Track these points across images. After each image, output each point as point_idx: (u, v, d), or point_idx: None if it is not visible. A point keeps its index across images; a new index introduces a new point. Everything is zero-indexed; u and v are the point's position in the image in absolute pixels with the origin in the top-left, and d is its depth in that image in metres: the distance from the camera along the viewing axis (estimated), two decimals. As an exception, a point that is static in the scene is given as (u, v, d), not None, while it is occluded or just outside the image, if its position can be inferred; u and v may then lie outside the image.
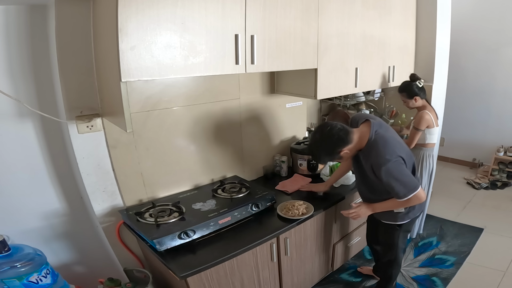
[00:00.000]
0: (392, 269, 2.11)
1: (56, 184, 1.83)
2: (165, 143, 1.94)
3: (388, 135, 1.76)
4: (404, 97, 2.56)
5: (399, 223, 1.92)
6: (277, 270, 1.95)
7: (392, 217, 1.91)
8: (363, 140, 1.73)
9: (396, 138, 1.80)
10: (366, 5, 2.31)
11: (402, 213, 1.88)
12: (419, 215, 2.01)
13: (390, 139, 1.73)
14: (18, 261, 1.46)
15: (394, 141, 1.74)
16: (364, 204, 1.92)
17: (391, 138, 1.76)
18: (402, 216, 1.90)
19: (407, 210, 1.87)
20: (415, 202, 1.73)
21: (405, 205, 1.78)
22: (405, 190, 1.68)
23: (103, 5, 1.42)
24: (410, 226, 2.00)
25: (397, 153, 1.69)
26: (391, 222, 1.94)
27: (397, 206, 1.83)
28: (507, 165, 4.06)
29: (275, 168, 2.53)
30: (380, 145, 1.70)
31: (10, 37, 1.55)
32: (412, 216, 1.93)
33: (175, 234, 1.59)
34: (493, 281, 2.38)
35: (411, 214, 1.91)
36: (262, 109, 2.39)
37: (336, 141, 1.69)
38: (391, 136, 1.78)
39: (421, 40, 2.92)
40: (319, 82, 2.12)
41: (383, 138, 1.72)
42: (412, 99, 2.52)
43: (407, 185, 1.68)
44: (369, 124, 1.75)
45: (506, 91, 4.09)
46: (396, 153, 1.68)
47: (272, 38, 1.78)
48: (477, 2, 4.00)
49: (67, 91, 1.59)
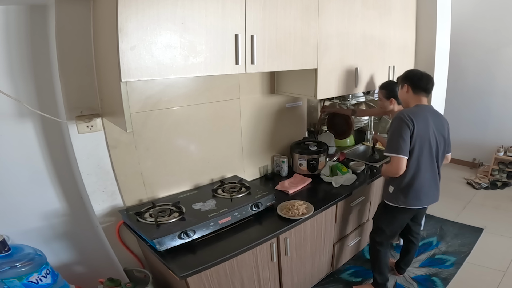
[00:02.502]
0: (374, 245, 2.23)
1: (56, 184, 1.83)
2: (165, 143, 1.94)
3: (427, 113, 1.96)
4: (381, 95, 2.42)
5: (385, 201, 2.11)
6: (277, 270, 1.95)
7: (386, 195, 2.11)
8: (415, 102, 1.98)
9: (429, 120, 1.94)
10: (366, 5, 2.31)
11: (391, 194, 2.05)
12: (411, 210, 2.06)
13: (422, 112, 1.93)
14: (18, 261, 1.46)
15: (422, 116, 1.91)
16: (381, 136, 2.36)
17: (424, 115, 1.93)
18: (390, 196, 2.06)
19: (395, 193, 2.02)
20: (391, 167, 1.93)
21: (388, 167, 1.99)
22: (389, 146, 1.94)
23: (103, 5, 1.42)
24: (396, 213, 2.08)
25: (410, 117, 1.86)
26: (384, 199, 2.14)
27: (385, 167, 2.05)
28: (507, 165, 4.06)
29: (275, 168, 2.53)
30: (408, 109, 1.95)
31: (10, 37, 1.55)
32: (400, 203, 2.02)
33: (175, 234, 1.59)
34: (493, 281, 2.38)
35: (399, 201, 2.02)
36: (262, 109, 2.39)
37: (419, 77, 1.98)
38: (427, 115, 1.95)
39: (421, 40, 2.92)
40: (319, 82, 2.12)
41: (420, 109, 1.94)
42: (388, 100, 2.38)
43: (393, 144, 1.90)
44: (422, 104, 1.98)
45: (506, 91, 4.09)
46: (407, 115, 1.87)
47: (272, 38, 1.78)
48: (477, 2, 4.00)
49: (67, 91, 1.59)
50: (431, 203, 2.10)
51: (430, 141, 1.94)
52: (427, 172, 1.98)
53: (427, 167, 1.97)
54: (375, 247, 2.23)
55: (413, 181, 1.97)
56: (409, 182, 1.97)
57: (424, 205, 2.08)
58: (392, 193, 2.05)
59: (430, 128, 1.94)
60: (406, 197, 2.00)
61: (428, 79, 1.98)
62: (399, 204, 2.03)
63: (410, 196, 1.99)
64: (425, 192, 2.01)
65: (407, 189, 1.99)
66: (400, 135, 1.87)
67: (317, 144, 2.50)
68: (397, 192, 2.03)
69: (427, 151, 1.94)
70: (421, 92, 1.98)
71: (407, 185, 1.98)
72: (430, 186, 2.02)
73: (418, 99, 1.99)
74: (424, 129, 1.90)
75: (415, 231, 2.34)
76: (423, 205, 2.08)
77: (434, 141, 1.96)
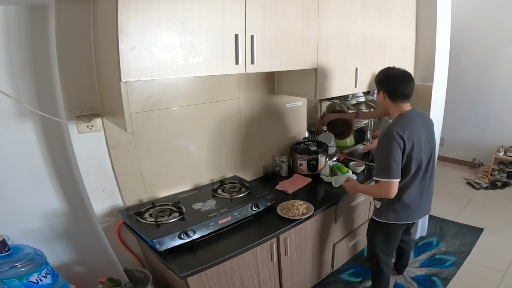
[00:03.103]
0: (373, 267, 2.12)
1: (56, 184, 1.83)
2: (165, 143, 1.94)
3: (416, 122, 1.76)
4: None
5: (376, 219, 1.96)
6: (277, 270, 1.95)
7: (375, 211, 1.98)
8: (396, 112, 1.78)
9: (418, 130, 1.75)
10: (366, 5, 2.31)
11: (379, 210, 1.92)
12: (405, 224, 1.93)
13: (411, 123, 1.73)
14: (18, 261, 1.46)
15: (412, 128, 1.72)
16: (353, 181, 2.08)
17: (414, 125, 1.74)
18: (379, 212, 1.93)
19: (384, 209, 1.88)
20: (382, 191, 1.76)
21: (376, 190, 1.83)
22: (379, 169, 1.74)
23: (103, 5, 1.42)
24: (390, 230, 1.94)
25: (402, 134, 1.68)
26: (373, 216, 2.00)
27: (372, 190, 1.90)
28: (507, 165, 4.05)
29: (275, 168, 2.52)
30: (397, 122, 1.74)
31: (10, 37, 1.55)
32: (390, 220, 1.88)
33: (175, 234, 1.59)
34: (493, 281, 2.38)
35: (390, 217, 1.88)
36: (262, 109, 2.39)
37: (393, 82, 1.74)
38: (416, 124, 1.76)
39: (421, 40, 2.92)
40: (319, 82, 2.12)
41: (408, 119, 1.74)
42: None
43: (385, 168, 1.70)
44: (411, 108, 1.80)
45: (506, 91, 4.08)
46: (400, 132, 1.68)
47: (272, 38, 1.78)
48: (477, 2, 4.00)
49: (67, 91, 1.59)
50: (424, 215, 1.99)
51: (422, 153, 1.78)
52: (416, 185, 1.83)
53: (416, 181, 1.82)
54: (377, 267, 2.07)
55: (401, 196, 1.82)
56: (397, 197, 1.80)
57: (416, 219, 1.96)
58: (381, 209, 1.91)
59: (422, 139, 1.76)
60: (396, 213, 1.87)
61: (406, 82, 1.73)
62: (389, 220, 1.89)
63: (400, 211, 1.86)
64: (415, 206, 1.87)
65: (395, 205, 1.85)
66: (392, 157, 1.68)
67: (317, 144, 2.50)
68: (385, 207, 1.89)
69: (417, 165, 1.78)
70: (399, 99, 1.76)
71: (394, 201, 1.83)
72: (421, 199, 1.88)
73: (398, 107, 1.78)
74: (416, 143, 1.72)
75: (405, 241, 2.26)
76: (416, 219, 1.96)
77: (425, 151, 1.80)
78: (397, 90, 1.74)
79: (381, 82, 1.80)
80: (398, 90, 1.73)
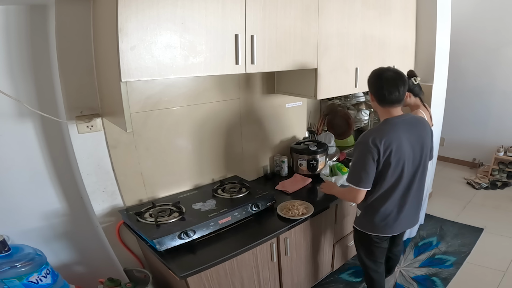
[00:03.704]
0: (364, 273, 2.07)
1: (56, 184, 1.83)
2: (165, 143, 1.94)
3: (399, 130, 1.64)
4: None
5: (357, 228, 1.89)
6: (277, 270, 1.95)
7: (356, 219, 1.91)
8: (383, 116, 1.70)
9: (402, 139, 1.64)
10: (366, 5, 2.31)
11: (359, 218, 1.86)
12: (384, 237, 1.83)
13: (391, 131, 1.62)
14: (18, 261, 1.46)
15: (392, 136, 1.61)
16: (330, 183, 2.10)
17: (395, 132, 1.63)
18: (359, 221, 1.87)
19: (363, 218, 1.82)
20: (350, 195, 1.77)
21: (346, 194, 1.82)
22: (350, 175, 1.72)
23: (103, 5, 1.42)
24: (371, 240, 1.84)
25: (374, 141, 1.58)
26: (354, 224, 1.93)
27: (343, 194, 1.90)
28: (507, 165, 4.05)
29: (275, 168, 2.53)
30: (374, 129, 1.67)
31: (10, 37, 1.55)
32: (368, 231, 1.81)
33: (175, 234, 1.59)
34: (493, 281, 2.38)
35: (367, 228, 1.81)
36: (262, 109, 2.39)
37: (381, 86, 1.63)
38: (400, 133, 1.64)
39: (421, 40, 2.92)
40: (319, 82, 2.12)
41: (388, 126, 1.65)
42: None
43: (354, 175, 1.68)
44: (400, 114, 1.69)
45: (506, 91, 4.08)
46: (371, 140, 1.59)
47: (272, 38, 1.78)
48: (477, 2, 4.00)
49: (67, 91, 1.59)
50: (406, 228, 1.89)
51: (404, 164, 1.65)
52: (396, 198, 1.72)
53: (396, 193, 1.70)
54: (367, 274, 2.02)
55: (378, 207, 1.73)
56: (374, 208, 1.74)
57: (395, 232, 1.83)
58: (360, 217, 1.84)
59: (404, 148, 1.64)
60: (373, 224, 1.77)
61: (394, 86, 1.59)
62: (366, 230, 1.82)
63: (377, 223, 1.76)
64: (392, 219, 1.75)
65: (373, 216, 1.76)
66: (363, 167, 1.62)
67: (317, 144, 2.50)
68: (364, 217, 1.81)
69: (397, 175, 1.67)
70: (385, 104, 1.65)
71: (372, 212, 1.76)
72: (401, 213, 1.75)
73: (385, 112, 1.67)
74: (394, 152, 1.61)
75: (393, 251, 2.14)
76: (395, 232, 1.82)
77: (410, 162, 1.68)
78: (383, 94, 1.62)
79: (370, 84, 1.69)
80: (383, 94, 1.61)
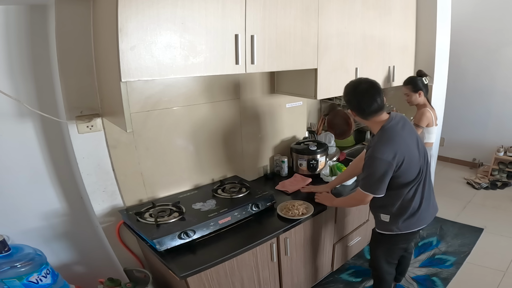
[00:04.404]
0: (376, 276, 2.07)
1: (56, 184, 1.83)
2: (165, 143, 1.94)
3: (401, 133, 1.68)
4: (408, 90, 2.53)
5: (384, 232, 1.88)
6: (277, 270, 1.95)
7: (380, 225, 1.90)
8: (376, 126, 1.70)
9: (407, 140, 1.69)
10: (366, 5, 2.31)
11: (386, 222, 1.84)
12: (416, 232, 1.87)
13: (397, 138, 1.66)
14: (18, 261, 1.46)
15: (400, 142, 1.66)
16: (327, 195, 2.07)
17: (400, 137, 1.67)
18: (385, 225, 1.85)
19: (394, 221, 1.81)
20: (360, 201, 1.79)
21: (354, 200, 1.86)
22: (367, 185, 1.71)
23: (103, 5, 1.42)
24: (397, 240, 1.88)
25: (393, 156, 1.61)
26: (378, 229, 1.93)
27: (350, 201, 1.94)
28: (507, 165, 4.06)
29: (275, 168, 2.53)
30: (385, 140, 1.65)
31: (10, 37, 1.55)
32: (403, 230, 1.82)
33: (175, 234, 1.59)
34: (493, 281, 2.38)
35: (401, 228, 1.81)
36: (262, 109, 2.39)
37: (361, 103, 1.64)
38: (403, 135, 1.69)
39: (421, 40, 2.92)
40: (319, 82, 2.12)
41: (392, 132, 1.66)
42: (416, 93, 2.49)
43: (372, 185, 1.69)
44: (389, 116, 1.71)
45: (506, 91, 4.09)
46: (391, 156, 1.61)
47: (272, 38, 1.78)
48: (477, 2, 4.00)
49: (67, 91, 1.59)
50: (435, 215, 1.93)
51: (419, 159, 1.72)
52: (420, 190, 1.77)
53: (420, 186, 1.77)
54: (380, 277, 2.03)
55: (409, 205, 1.77)
56: (405, 207, 1.77)
57: (428, 222, 1.88)
58: (388, 222, 1.83)
59: (411, 147, 1.70)
60: (408, 222, 1.80)
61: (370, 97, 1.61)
62: (402, 230, 1.82)
63: (410, 219, 1.79)
64: (425, 209, 1.81)
65: (406, 215, 1.79)
66: (381, 179, 1.65)
67: (317, 144, 2.50)
68: (395, 219, 1.81)
69: (416, 171, 1.72)
70: (369, 116, 1.67)
71: (403, 211, 1.78)
72: (428, 202, 1.83)
73: (373, 122, 1.70)
74: (408, 155, 1.66)
75: (408, 249, 2.22)
76: (427, 222, 1.88)
77: (417, 154, 1.73)
78: (362, 108, 1.65)
79: (346, 101, 1.72)
80: (363, 108, 1.65)
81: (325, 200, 2.04)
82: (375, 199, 1.77)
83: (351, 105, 1.71)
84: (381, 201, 1.78)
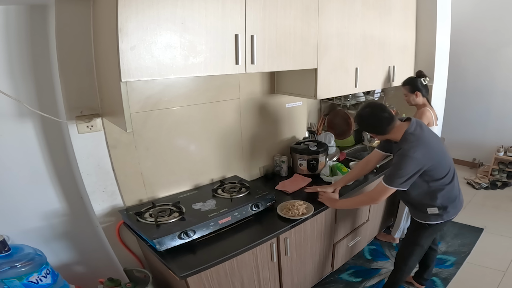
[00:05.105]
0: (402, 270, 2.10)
1: (56, 184, 1.83)
2: (165, 143, 1.94)
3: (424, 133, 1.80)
4: (406, 90, 2.55)
5: (433, 222, 1.94)
6: (277, 270, 1.95)
7: (426, 217, 1.94)
8: (398, 134, 1.81)
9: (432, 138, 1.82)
10: (366, 5, 2.31)
11: (436, 214, 1.91)
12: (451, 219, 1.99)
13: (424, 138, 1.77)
14: (18, 261, 1.46)
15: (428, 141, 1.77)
16: (331, 195, 2.08)
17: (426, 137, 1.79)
18: (434, 216, 1.92)
19: (443, 211, 1.89)
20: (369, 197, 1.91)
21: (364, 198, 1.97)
22: (389, 177, 1.78)
23: (103, 5, 1.42)
24: (440, 227, 2.01)
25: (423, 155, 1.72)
26: (425, 221, 1.96)
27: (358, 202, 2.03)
28: (507, 165, 4.06)
29: (275, 168, 2.53)
30: (414, 141, 1.75)
31: (10, 37, 1.55)
32: (451, 216, 1.94)
33: (175, 234, 1.59)
34: (493, 281, 2.38)
35: (449, 215, 1.92)
36: (262, 109, 2.39)
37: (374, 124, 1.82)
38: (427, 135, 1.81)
39: (421, 40, 2.92)
40: (319, 82, 2.12)
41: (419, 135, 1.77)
42: (413, 93, 2.51)
43: (394, 176, 1.76)
44: (409, 122, 1.83)
45: (506, 91, 4.09)
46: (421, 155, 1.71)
47: (272, 38, 1.78)
48: (477, 2, 4.00)
49: (67, 91, 1.59)
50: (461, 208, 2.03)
51: (445, 152, 1.89)
52: (456, 179, 1.93)
53: (455, 176, 1.93)
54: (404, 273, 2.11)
55: (455, 193, 1.91)
56: (453, 195, 1.90)
57: (461, 207, 2.01)
58: (439, 213, 1.91)
59: (437, 142, 1.86)
60: (454, 208, 1.92)
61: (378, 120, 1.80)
62: (450, 217, 1.94)
63: (453, 208, 1.92)
64: (460, 198, 1.97)
65: (454, 202, 1.91)
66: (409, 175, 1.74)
67: (317, 144, 2.50)
68: (444, 209, 1.90)
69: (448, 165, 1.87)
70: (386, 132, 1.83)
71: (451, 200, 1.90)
72: (459, 189, 1.99)
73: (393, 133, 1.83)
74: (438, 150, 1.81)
75: (435, 241, 2.29)
76: (461, 207, 2.00)
77: (444, 149, 1.89)
78: (377, 128, 1.83)
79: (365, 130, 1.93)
80: (377, 127, 1.83)
81: (328, 201, 2.04)
82: (416, 198, 1.89)
83: (369, 130, 1.95)
84: (424, 199, 1.89)
